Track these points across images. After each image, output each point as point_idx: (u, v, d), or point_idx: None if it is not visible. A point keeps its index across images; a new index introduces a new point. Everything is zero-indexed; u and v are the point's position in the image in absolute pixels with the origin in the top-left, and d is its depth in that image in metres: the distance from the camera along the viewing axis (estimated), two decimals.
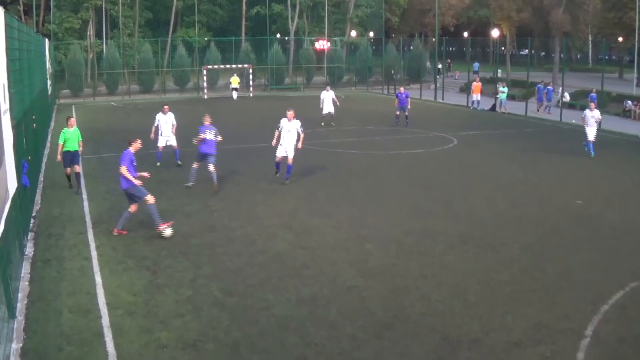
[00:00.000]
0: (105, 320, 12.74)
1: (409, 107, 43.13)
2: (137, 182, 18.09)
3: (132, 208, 18.41)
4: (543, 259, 16.77)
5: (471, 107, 54.85)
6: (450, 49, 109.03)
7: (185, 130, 30.09)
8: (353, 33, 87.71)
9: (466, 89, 63.14)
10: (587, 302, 13.83)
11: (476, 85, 55.32)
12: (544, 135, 39.90)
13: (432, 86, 67.71)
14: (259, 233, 18.31)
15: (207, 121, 24.11)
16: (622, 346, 11.96)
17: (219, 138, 24.04)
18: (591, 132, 31.90)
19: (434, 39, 73.08)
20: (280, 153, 24.53)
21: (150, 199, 17.93)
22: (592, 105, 33.09)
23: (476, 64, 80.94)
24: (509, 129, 42.73)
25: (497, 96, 53.08)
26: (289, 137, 24.37)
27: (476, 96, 54.98)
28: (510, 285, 14.86)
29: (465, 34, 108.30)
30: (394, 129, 40.74)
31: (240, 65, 69.13)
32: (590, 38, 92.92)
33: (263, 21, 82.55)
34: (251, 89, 67.52)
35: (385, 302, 13.82)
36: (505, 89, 53.35)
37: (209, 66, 67.71)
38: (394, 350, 11.73)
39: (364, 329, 12.55)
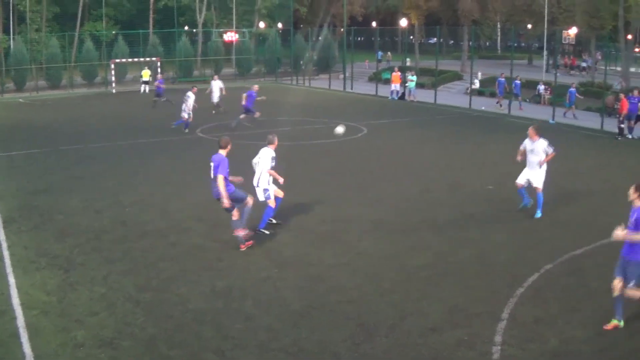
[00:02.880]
0: (21, 321, 12.44)
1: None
2: (226, 202, 15.97)
3: (236, 214, 16.34)
4: (456, 243, 17.01)
5: (390, 98, 54.51)
6: (359, 38, 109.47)
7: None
8: (261, 24, 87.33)
9: (375, 78, 63.49)
10: (503, 285, 14.07)
11: (395, 75, 55.21)
12: (454, 122, 40.43)
13: (341, 76, 67.89)
14: (171, 227, 18.13)
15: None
16: (538, 326, 12.19)
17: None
18: (523, 176, 19.39)
19: (342, 29, 73.26)
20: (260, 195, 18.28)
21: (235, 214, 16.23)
22: (531, 131, 19.17)
23: (379, 52, 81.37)
24: (419, 116, 43.16)
25: (407, 85, 53.50)
26: (256, 171, 18.41)
27: (395, 86, 54.78)
28: (425, 270, 15.02)
29: (374, 24, 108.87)
30: (304, 119, 40.68)
31: (148, 59, 68.26)
32: (499, 26, 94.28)
33: (171, 13, 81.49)
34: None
35: (300, 292, 13.82)
36: (414, 78, 53.87)
37: (117, 60, 66.69)
38: (311, 339, 11.73)
39: (280, 319, 12.53)
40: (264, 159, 18.12)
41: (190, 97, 35.05)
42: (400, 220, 19.12)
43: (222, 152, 16.17)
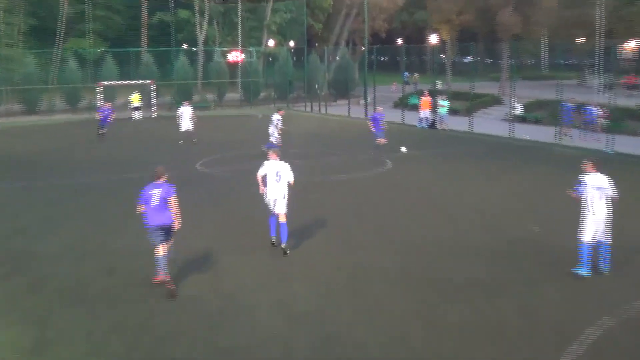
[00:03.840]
0: None
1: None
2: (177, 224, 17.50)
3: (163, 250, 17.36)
4: (497, 295, 16.81)
5: (419, 126, 54.50)
6: (382, 58, 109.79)
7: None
8: (271, 42, 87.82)
9: (401, 104, 63.50)
10: (552, 344, 13.86)
11: (425, 100, 55.10)
12: (493, 154, 40.32)
13: (362, 101, 67.90)
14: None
15: None
16: None
17: None
18: (592, 225, 18.05)
19: (363, 48, 73.47)
20: (270, 206, 20.49)
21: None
22: (589, 166, 18.53)
23: (405, 74, 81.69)
24: (452, 147, 43.10)
25: (437, 111, 53.47)
26: (275, 185, 20.23)
27: (424, 112, 54.76)
28: (460, 328, 14.83)
29: (399, 41, 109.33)
30: (319, 152, 40.71)
31: (141, 81, 68.55)
32: (544, 41, 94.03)
33: (167, 29, 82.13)
34: (154, 108, 66.91)
35: (315, 353, 13.67)
36: (446, 103, 53.84)
37: (105, 82, 66.98)
38: None
39: None
40: (289, 171, 20.29)
41: (279, 120, 38.57)
42: (430, 269, 18.95)
43: (162, 181, 17.58)
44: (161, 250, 17.00)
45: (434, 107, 54.21)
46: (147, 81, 68.13)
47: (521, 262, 19.51)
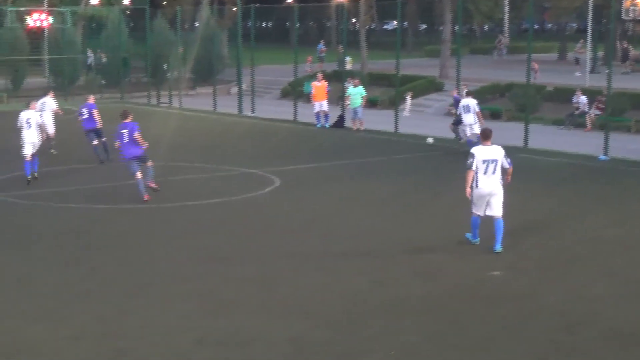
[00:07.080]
0: None
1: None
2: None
3: None
4: None
5: (318, 126, 54.61)
6: (265, 24, 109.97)
7: None
8: None
9: (292, 93, 63.32)
10: None
11: (319, 87, 54.80)
12: (429, 165, 40.64)
13: (235, 90, 67.74)
14: None
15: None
16: None
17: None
18: (478, 199, 25.75)
19: (235, 9, 73.46)
20: (28, 151, 35.25)
21: None
22: (481, 138, 26.22)
23: (320, 45, 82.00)
24: (369, 156, 43.28)
25: (347, 103, 53.03)
26: (28, 132, 35.42)
27: (320, 105, 54.45)
28: None
29: None
30: (170, 165, 40.31)
31: None
32: None
33: None
34: None
35: None
36: (360, 90, 52.61)
37: None
38: None
39: None
40: (37, 117, 36.02)
41: (477, 104, 43.97)
42: (339, 338, 18.89)
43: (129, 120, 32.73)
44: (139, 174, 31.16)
45: (340, 96, 53.97)
46: None
47: (472, 320, 19.57)
